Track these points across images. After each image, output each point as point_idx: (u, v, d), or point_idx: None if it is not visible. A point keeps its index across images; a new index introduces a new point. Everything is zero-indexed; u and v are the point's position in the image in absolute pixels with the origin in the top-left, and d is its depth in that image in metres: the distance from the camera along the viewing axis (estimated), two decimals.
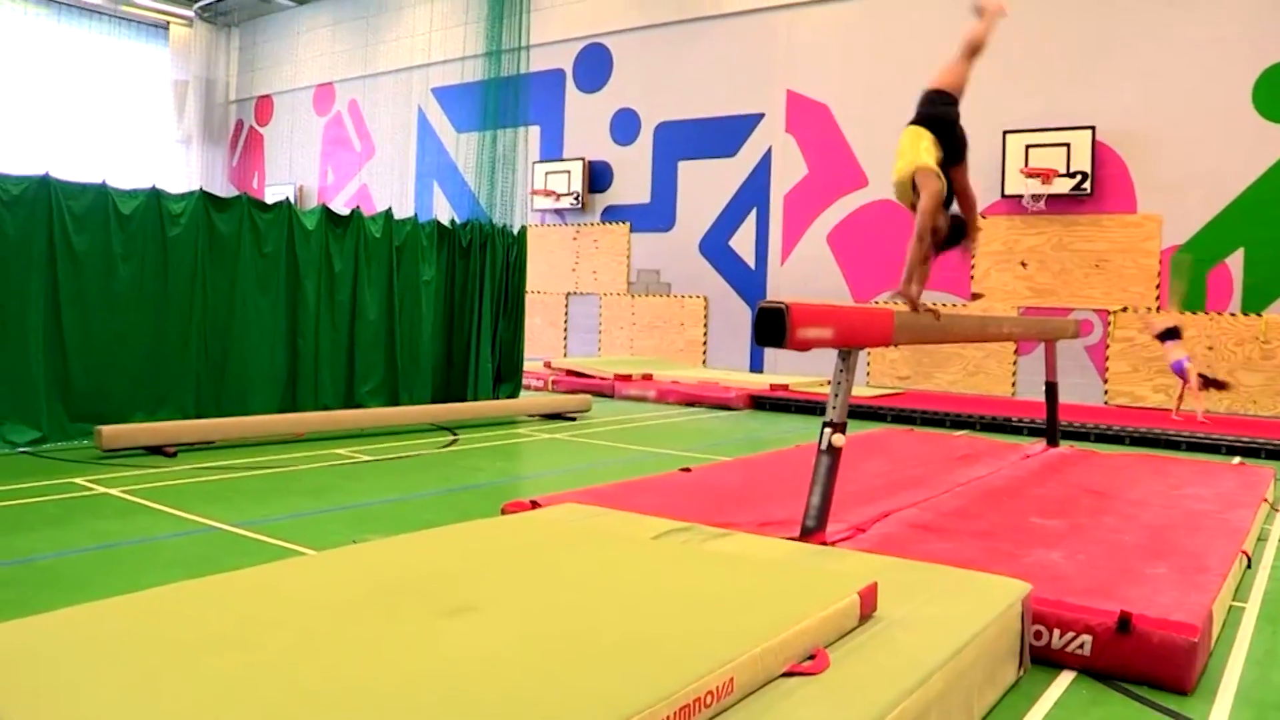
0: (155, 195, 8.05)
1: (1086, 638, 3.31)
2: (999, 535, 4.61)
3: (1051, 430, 8.01)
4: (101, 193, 7.74)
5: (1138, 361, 11.85)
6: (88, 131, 20.72)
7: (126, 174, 15.84)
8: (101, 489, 5.95)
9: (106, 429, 6.96)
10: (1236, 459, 8.49)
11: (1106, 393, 12.06)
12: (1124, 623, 3.25)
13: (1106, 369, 12.06)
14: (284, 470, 6.83)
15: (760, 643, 2.40)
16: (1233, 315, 11.30)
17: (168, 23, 22.43)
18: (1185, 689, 3.20)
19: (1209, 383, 10.05)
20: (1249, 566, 4.67)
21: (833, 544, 4.18)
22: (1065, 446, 8.11)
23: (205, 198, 8.36)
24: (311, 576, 3.04)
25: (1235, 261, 11.32)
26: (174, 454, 7.13)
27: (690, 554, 3.47)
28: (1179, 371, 10.18)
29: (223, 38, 23.21)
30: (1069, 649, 3.35)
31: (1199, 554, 4.33)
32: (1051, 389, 7.92)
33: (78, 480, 6.18)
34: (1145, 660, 3.23)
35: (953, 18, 12.94)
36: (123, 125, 21.61)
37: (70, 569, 4.28)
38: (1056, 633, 3.37)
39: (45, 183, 7.43)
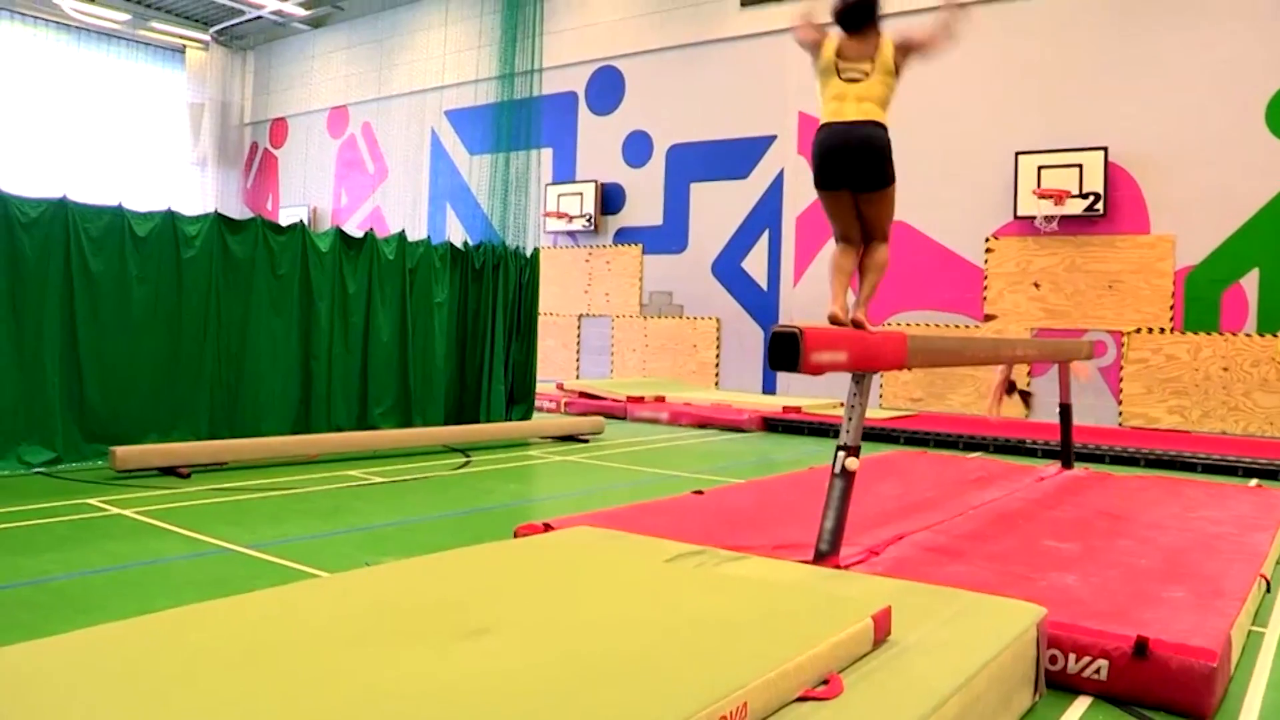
0: (170, 217, 8.12)
1: (1103, 662, 3.28)
2: (1013, 558, 4.58)
3: (1066, 452, 7.97)
4: (117, 215, 7.81)
5: (1152, 383, 11.78)
6: (104, 154, 20.93)
7: (142, 196, 15.97)
8: (115, 510, 5.97)
9: (120, 450, 7.00)
10: (1254, 481, 8.42)
11: (1121, 414, 11.99)
12: (1141, 647, 3.21)
13: (1121, 391, 11.99)
14: (297, 492, 6.84)
15: (774, 667, 2.39)
16: (1248, 336, 11.24)
17: (184, 46, 22.69)
18: (1204, 715, 3.16)
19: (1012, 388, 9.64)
20: (1268, 591, 4.61)
21: (846, 567, 4.16)
22: (1080, 469, 8.06)
23: (220, 220, 8.43)
24: (325, 599, 3.04)
25: (1250, 282, 11.26)
26: (187, 475, 7.16)
27: (703, 577, 3.46)
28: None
29: (238, 61, 23.46)
30: (1085, 674, 3.31)
31: (1216, 578, 4.29)
32: (1065, 411, 7.89)
33: (91, 501, 6.21)
34: (1163, 686, 3.19)
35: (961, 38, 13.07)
36: (139, 148, 21.82)
37: (83, 590, 4.28)
38: (1072, 657, 3.33)
39: (62, 205, 7.50)
